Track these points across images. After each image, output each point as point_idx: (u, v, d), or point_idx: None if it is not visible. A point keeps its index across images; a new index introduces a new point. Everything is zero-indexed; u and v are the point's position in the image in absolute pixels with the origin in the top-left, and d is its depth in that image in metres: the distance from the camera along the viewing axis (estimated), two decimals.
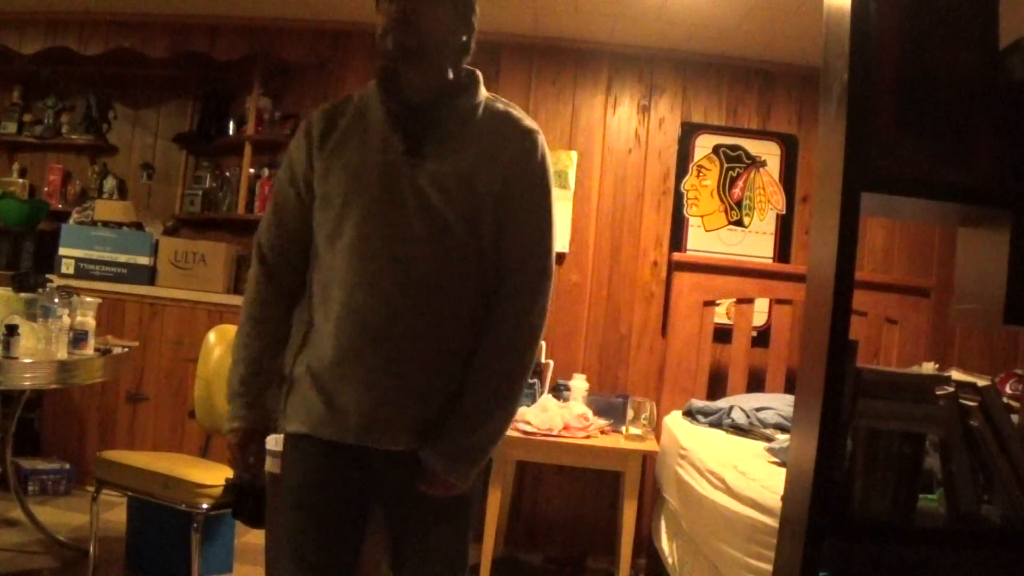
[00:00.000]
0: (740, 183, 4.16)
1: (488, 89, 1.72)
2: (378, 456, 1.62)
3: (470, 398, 1.61)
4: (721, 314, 4.01)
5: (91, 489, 3.08)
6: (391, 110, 1.63)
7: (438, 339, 1.60)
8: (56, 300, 2.98)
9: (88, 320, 3.08)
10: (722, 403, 3.48)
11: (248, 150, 4.39)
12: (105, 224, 4.35)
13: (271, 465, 2.10)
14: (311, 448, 1.63)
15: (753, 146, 4.16)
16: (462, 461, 1.60)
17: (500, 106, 1.68)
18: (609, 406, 3.71)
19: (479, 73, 1.70)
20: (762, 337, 3.97)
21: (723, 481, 2.49)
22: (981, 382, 1.37)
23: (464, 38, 1.66)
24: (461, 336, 1.62)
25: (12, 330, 2.75)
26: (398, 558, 1.68)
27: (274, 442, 1.98)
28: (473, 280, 1.62)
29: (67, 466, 4.02)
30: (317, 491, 1.64)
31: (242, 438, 1.66)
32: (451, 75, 1.64)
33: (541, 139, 1.66)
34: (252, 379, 1.66)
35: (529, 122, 1.67)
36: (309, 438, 1.63)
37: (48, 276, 3.49)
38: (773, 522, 1.95)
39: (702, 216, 4.16)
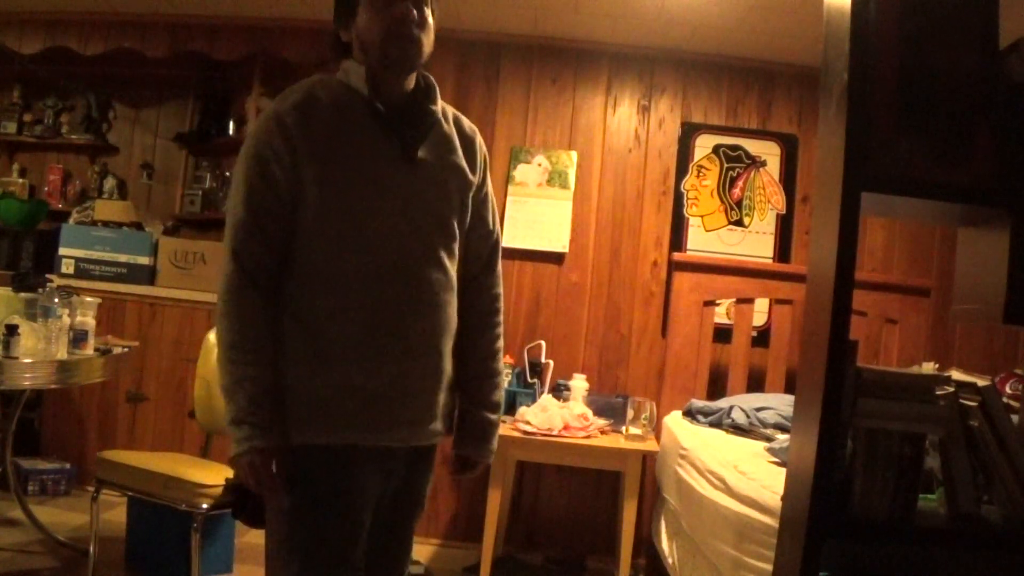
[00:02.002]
0: (740, 183, 4.16)
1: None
2: (399, 453, 1.70)
3: (482, 382, 1.83)
4: (721, 314, 4.01)
5: (91, 489, 3.08)
6: (381, 113, 1.66)
7: (446, 331, 1.72)
8: (56, 300, 2.98)
9: (88, 320, 3.08)
10: (722, 403, 3.48)
11: None
12: (105, 224, 4.35)
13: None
14: (343, 455, 1.62)
15: (753, 146, 4.16)
16: (494, 438, 1.86)
17: (449, 111, 1.82)
18: (609, 406, 3.71)
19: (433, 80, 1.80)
20: (762, 337, 3.97)
21: (723, 481, 2.49)
22: (981, 382, 1.37)
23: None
24: (454, 322, 1.75)
25: (12, 330, 2.75)
26: (379, 549, 1.76)
27: None
28: (456, 267, 1.76)
29: (67, 466, 4.02)
30: (356, 497, 1.64)
31: (266, 459, 1.56)
32: (423, 79, 1.75)
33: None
34: (263, 399, 1.57)
35: (472, 125, 1.87)
36: (339, 447, 1.62)
37: (48, 276, 3.49)
38: (773, 522, 1.95)
39: (702, 216, 4.16)
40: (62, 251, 4.24)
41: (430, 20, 1.68)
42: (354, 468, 1.63)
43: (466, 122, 1.86)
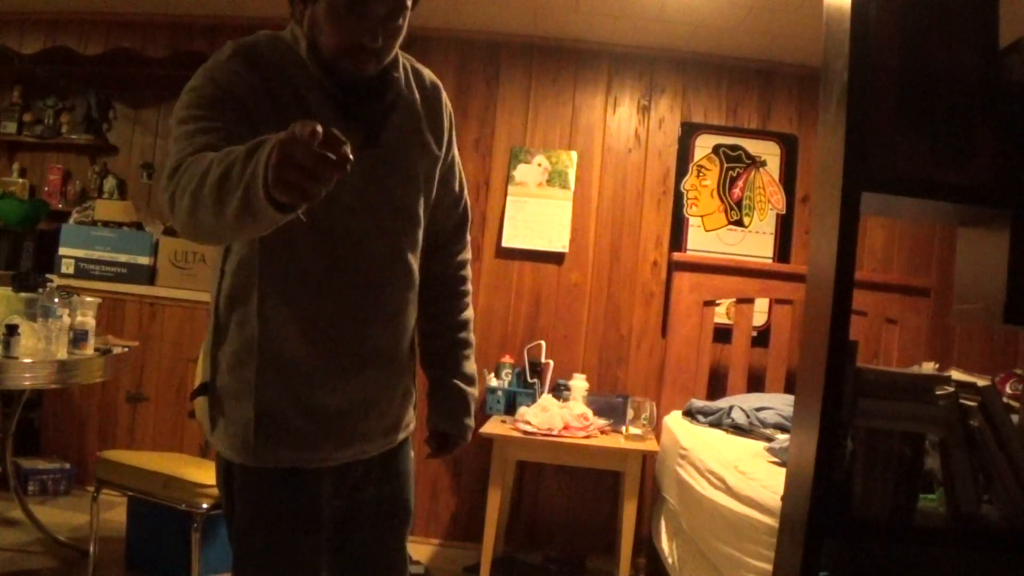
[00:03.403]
0: (740, 183, 4.16)
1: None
2: (360, 466, 1.56)
3: (454, 353, 1.71)
4: (721, 314, 4.01)
5: (91, 489, 3.08)
6: (336, 97, 1.43)
7: (406, 334, 1.57)
8: (56, 300, 2.98)
9: (88, 320, 3.08)
10: (722, 403, 3.48)
11: None
12: (105, 224, 4.35)
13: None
14: (293, 475, 1.47)
15: (753, 146, 4.16)
16: (469, 412, 1.72)
17: (407, 64, 1.57)
18: (609, 406, 3.71)
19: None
20: (762, 337, 3.97)
21: (723, 481, 2.49)
22: (981, 382, 1.37)
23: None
24: (412, 313, 1.59)
25: (12, 330, 2.75)
26: (372, 566, 1.63)
27: None
28: (419, 256, 1.59)
29: (67, 466, 4.02)
30: (308, 517, 1.49)
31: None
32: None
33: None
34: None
35: (433, 75, 1.63)
36: (287, 468, 1.46)
37: (48, 276, 3.49)
38: (773, 522, 1.95)
39: (702, 216, 4.16)
40: (62, 251, 4.24)
41: (403, 26, 1.43)
42: (305, 488, 1.48)
43: (427, 76, 1.60)
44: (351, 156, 1.00)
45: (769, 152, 4.16)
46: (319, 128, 0.96)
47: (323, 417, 1.46)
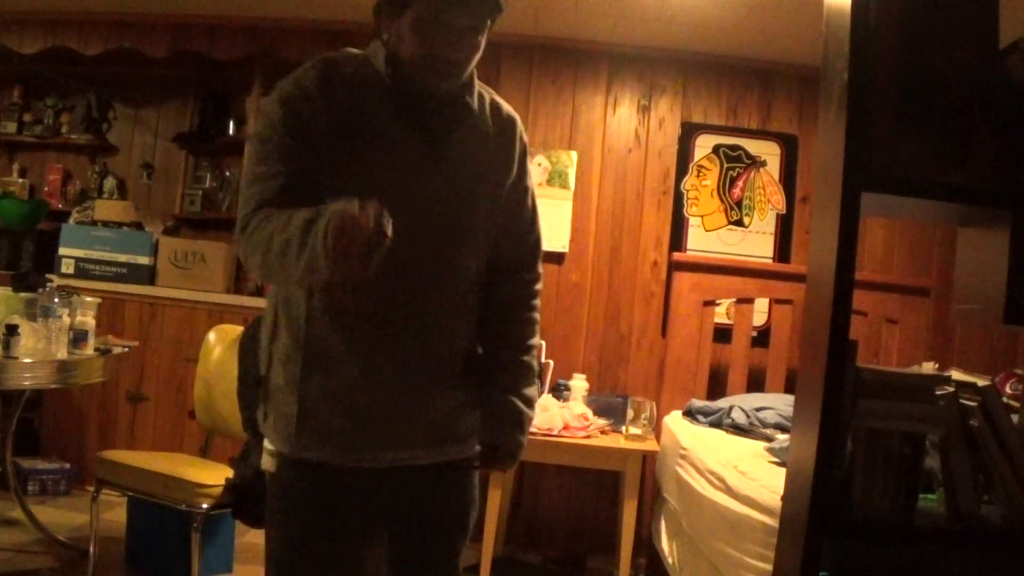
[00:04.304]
0: (740, 183, 4.16)
1: (488, 88, 1.69)
2: (399, 474, 1.57)
3: (512, 374, 1.67)
4: (721, 314, 4.01)
5: (91, 489, 3.08)
6: (406, 105, 1.50)
7: (447, 341, 1.58)
8: (56, 300, 2.98)
9: (88, 320, 3.08)
10: (722, 403, 3.48)
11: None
12: (105, 224, 4.35)
13: (271, 465, 2.09)
14: (323, 472, 1.52)
15: (753, 146, 4.16)
16: (524, 429, 1.67)
17: (487, 95, 1.64)
18: (609, 406, 3.71)
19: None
20: (762, 337, 3.97)
21: (723, 481, 2.49)
22: (981, 382, 1.37)
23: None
24: (462, 329, 1.61)
25: (12, 330, 2.75)
26: (399, 573, 1.65)
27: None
28: (479, 270, 1.62)
29: (67, 466, 4.02)
30: (336, 519, 1.53)
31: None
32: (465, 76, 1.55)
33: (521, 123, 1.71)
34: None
35: (511, 109, 1.68)
36: (316, 462, 1.51)
37: (48, 276, 3.49)
38: (773, 522, 1.95)
39: (702, 216, 4.16)
40: (62, 251, 4.24)
41: (482, 43, 1.50)
42: (338, 484, 1.52)
43: (505, 108, 1.66)
44: (389, 232, 1.17)
45: (769, 152, 4.16)
46: (369, 207, 1.16)
47: (362, 419, 1.51)
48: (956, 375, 1.41)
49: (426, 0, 1.42)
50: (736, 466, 2.52)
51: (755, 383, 3.87)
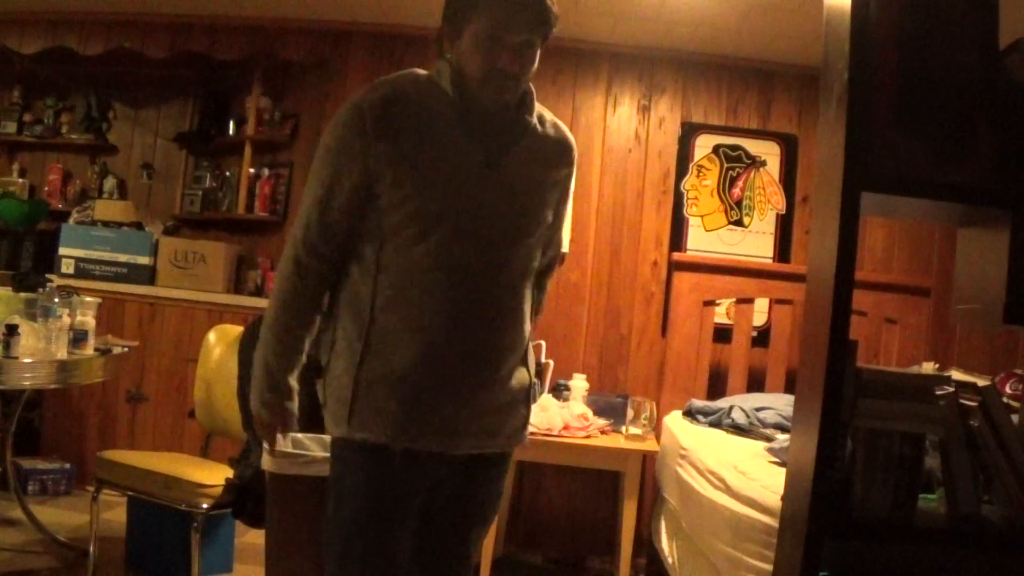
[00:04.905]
0: (740, 183, 4.16)
1: (548, 111, 1.79)
2: (446, 460, 1.66)
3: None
4: (721, 314, 4.01)
5: (91, 489, 3.08)
6: (468, 119, 1.64)
7: (515, 341, 1.70)
8: (56, 300, 2.98)
9: (88, 320, 3.08)
10: (722, 403, 3.48)
11: (248, 150, 4.39)
12: (105, 224, 4.35)
13: (271, 465, 2.10)
14: (379, 454, 1.62)
15: (753, 146, 4.16)
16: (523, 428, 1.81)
17: (547, 116, 1.80)
18: (609, 406, 3.70)
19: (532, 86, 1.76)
20: (762, 337, 3.97)
21: (723, 481, 2.49)
22: (981, 382, 1.38)
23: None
24: (515, 332, 1.71)
25: (12, 330, 2.75)
26: (433, 559, 1.75)
27: (289, 443, 2.00)
28: (527, 276, 1.74)
29: (67, 466, 4.02)
30: (387, 498, 1.64)
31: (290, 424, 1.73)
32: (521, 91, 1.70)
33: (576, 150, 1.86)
34: (301, 375, 1.70)
35: (570, 135, 1.84)
36: (373, 445, 1.62)
37: (48, 276, 3.50)
38: (773, 522, 1.95)
39: (702, 216, 4.16)
40: (62, 251, 4.24)
41: (537, 56, 1.68)
42: (390, 468, 1.62)
43: (564, 132, 1.82)
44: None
45: (769, 152, 4.16)
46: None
47: (413, 405, 1.61)
48: (956, 375, 1.41)
49: (482, 21, 1.58)
50: (736, 466, 2.51)
51: (755, 383, 3.87)
